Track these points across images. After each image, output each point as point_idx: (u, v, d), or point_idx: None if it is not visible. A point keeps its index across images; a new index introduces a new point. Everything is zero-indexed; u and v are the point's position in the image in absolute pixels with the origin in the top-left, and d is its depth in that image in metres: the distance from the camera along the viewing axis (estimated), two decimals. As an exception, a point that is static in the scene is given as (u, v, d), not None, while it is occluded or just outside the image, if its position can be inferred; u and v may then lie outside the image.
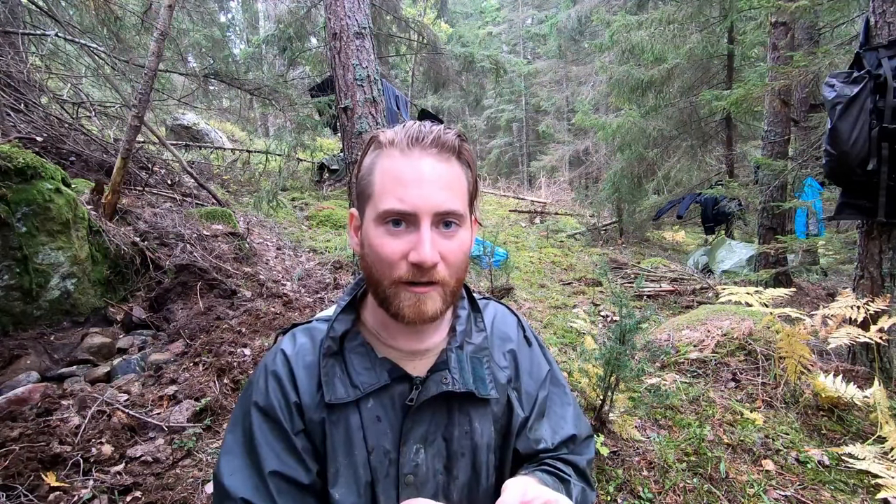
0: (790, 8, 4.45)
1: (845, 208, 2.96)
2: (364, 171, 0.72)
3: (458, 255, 0.70)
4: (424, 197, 0.66)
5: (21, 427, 2.03)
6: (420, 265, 0.66)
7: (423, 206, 0.66)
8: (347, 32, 3.04)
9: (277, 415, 0.72)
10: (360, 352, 0.76)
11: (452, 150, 0.70)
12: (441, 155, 0.69)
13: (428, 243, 0.65)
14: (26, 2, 4.84)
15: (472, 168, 0.74)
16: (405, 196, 0.66)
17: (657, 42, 8.24)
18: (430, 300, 0.68)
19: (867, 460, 2.04)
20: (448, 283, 0.70)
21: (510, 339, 0.88)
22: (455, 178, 0.70)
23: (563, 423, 0.88)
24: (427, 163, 0.68)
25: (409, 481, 0.73)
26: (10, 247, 2.64)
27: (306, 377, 0.75)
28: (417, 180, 0.67)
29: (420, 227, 0.66)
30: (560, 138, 17.01)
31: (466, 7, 24.94)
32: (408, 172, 0.67)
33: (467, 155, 0.73)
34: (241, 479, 0.70)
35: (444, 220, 0.68)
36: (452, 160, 0.70)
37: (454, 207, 0.68)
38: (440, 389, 0.74)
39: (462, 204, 0.70)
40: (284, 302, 3.84)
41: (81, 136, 4.81)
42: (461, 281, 0.73)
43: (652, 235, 11.75)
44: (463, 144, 0.72)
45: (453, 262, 0.69)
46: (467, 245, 0.72)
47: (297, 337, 0.80)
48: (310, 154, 9.05)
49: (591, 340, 2.77)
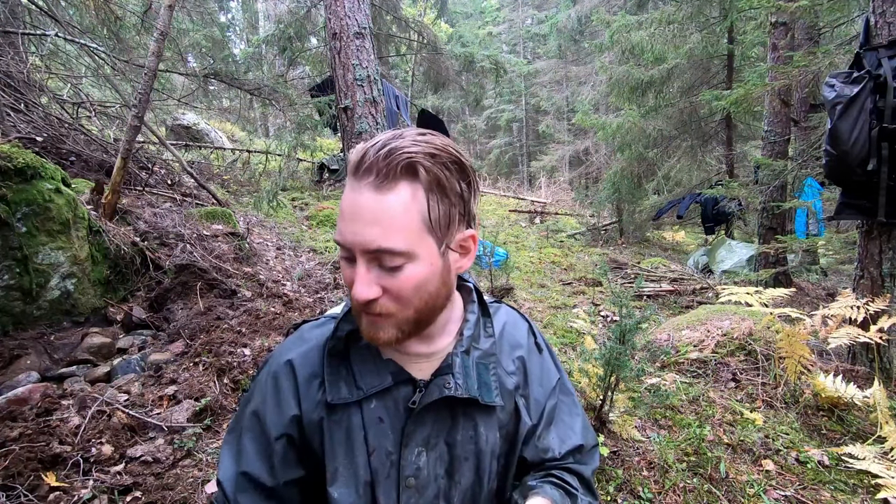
0: (790, 8, 4.45)
1: (845, 208, 2.96)
2: None
3: (405, 290, 0.65)
4: (354, 234, 0.62)
5: (21, 427, 2.03)
6: (357, 302, 0.65)
7: (354, 244, 0.63)
8: (347, 32, 3.04)
9: (265, 418, 0.75)
10: (365, 353, 0.76)
11: (395, 174, 0.61)
12: (379, 183, 0.61)
13: (359, 281, 0.63)
14: (26, 2, 4.84)
15: (440, 190, 0.64)
16: (342, 230, 0.64)
17: (657, 42, 8.25)
18: (382, 329, 0.68)
19: (867, 460, 2.04)
20: (398, 314, 0.67)
21: (520, 345, 0.87)
22: (397, 210, 0.61)
23: (570, 433, 0.87)
24: (363, 196, 0.61)
25: (411, 484, 0.73)
26: (10, 247, 2.64)
27: (308, 379, 0.76)
28: (352, 215, 0.62)
29: (356, 263, 0.64)
30: (560, 138, 17.03)
31: (466, 7, 24.95)
32: (346, 206, 0.63)
33: (429, 177, 0.62)
34: (225, 466, 0.75)
35: (379, 259, 0.63)
36: (397, 185, 0.61)
37: (386, 245, 0.61)
38: (442, 394, 0.74)
39: (403, 238, 0.62)
40: (284, 302, 3.84)
41: (81, 136, 4.81)
42: (422, 310, 0.68)
43: (652, 235, 11.76)
44: (422, 163, 0.61)
45: (401, 297, 0.65)
46: (420, 281, 0.65)
47: (305, 334, 0.81)
48: (310, 154, 9.06)
49: (591, 340, 2.77)
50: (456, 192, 0.66)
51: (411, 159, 0.61)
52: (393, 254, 0.62)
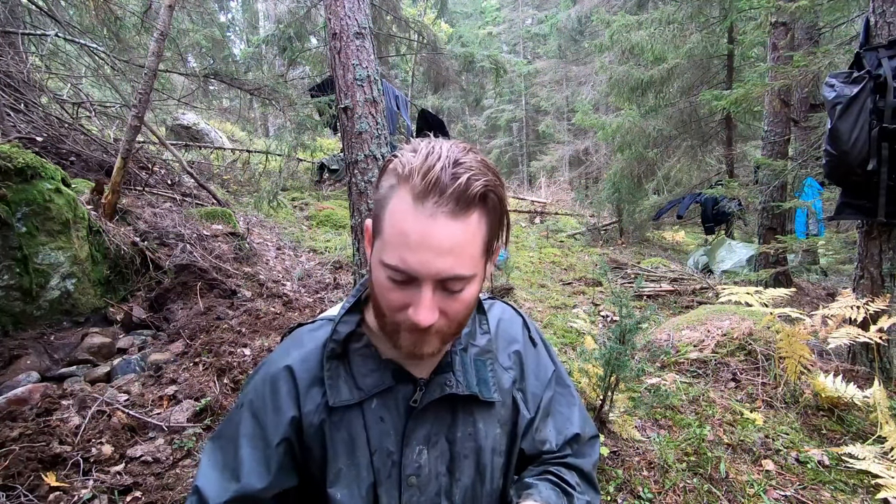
0: (790, 8, 4.45)
1: (845, 208, 2.96)
2: (379, 195, 0.66)
3: (460, 311, 0.66)
4: (428, 263, 0.60)
5: (21, 427, 2.03)
6: (416, 326, 0.64)
7: (424, 273, 0.61)
8: (347, 32, 3.04)
9: (265, 422, 0.74)
10: (365, 354, 0.76)
11: (472, 202, 0.60)
12: (457, 211, 0.60)
13: (425, 308, 0.62)
14: (26, 2, 4.83)
15: (497, 212, 0.65)
16: (408, 258, 0.60)
17: (657, 42, 8.25)
18: (428, 344, 0.67)
19: (867, 460, 2.04)
20: (446, 330, 0.68)
21: (516, 340, 0.88)
22: (469, 237, 0.62)
23: (568, 423, 0.88)
24: (438, 224, 0.59)
25: (412, 482, 0.73)
26: (10, 247, 2.64)
27: (308, 382, 0.75)
28: (422, 244, 0.59)
29: (420, 289, 0.62)
30: (560, 138, 17.03)
31: (466, 7, 24.94)
32: (415, 232, 0.60)
33: (494, 201, 0.63)
34: (210, 477, 0.74)
35: (445, 284, 0.63)
36: (471, 213, 0.61)
37: (460, 272, 0.62)
38: (444, 392, 0.74)
39: (472, 264, 0.63)
40: (284, 302, 3.84)
41: (81, 136, 4.81)
42: (464, 321, 0.70)
43: (652, 235, 11.76)
44: (493, 192, 0.62)
45: (454, 317, 0.66)
46: (473, 298, 0.68)
47: (303, 337, 0.80)
48: (310, 154, 9.06)
49: (591, 340, 2.77)
50: (502, 215, 0.67)
51: (486, 188, 0.61)
52: (462, 279, 0.63)
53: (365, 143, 3.10)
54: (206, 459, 0.75)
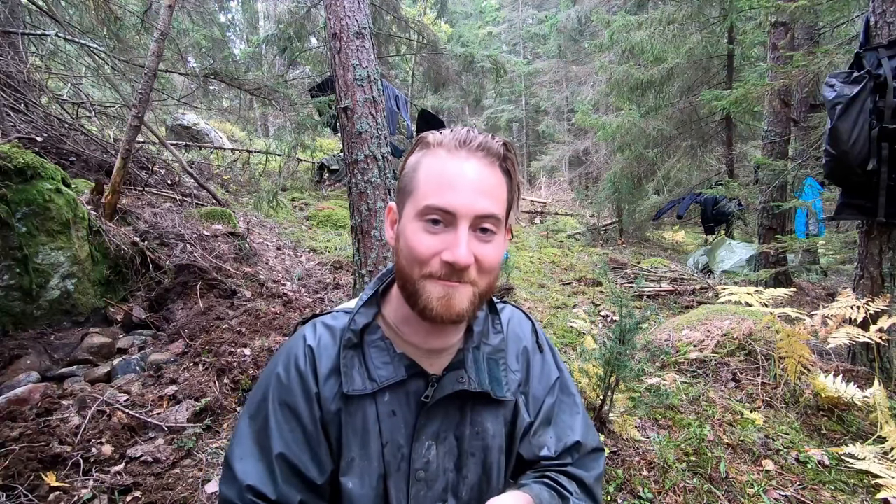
0: (790, 8, 4.45)
1: (845, 208, 2.96)
2: (408, 168, 0.73)
3: (491, 260, 0.70)
4: (465, 198, 0.66)
5: (21, 427, 2.02)
6: (453, 265, 0.66)
7: (462, 208, 0.66)
8: (347, 32, 3.04)
9: (297, 406, 0.74)
10: (380, 346, 0.77)
11: (497, 156, 0.70)
12: (486, 159, 0.69)
13: (464, 244, 0.65)
14: (26, 2, 4.83)
15: (513, 178, 0.74)
16: (447, 195, 0.66)
17: (657, 42, 8.25)
18: (459, 296, 0.68)
19: (867, 460, 2.04)
20: (479, 284, 0.70)
21: (524, 343, 0.89)
22: (497, 183, 0.70)
23: (568, 431, 0.87)
24: (472, 165, 0.68)
25: (420, 477, 0.74)
26: (10, 247, 2.64)
27: (326, 368, 0.76)
28: (461, 181, 0.67)
29: (458, 228, 0.66)
30: (560, 138, 17.01)
31: (466, 7, 24.92)
32: (452, 172, 0.67)
33: (511, 164, 0.72)
34: (251, 464, 0.72)
35: (482, 224, 0.68)
36: (496, 166, 0.71)
37: (493, 211, 0.68)
38: (456, 388, 0.75)
39: (501, 209, 0.70)
40: (284, 302, 3.84)
41: (81, 136, 4.81)
42: (492, 287, 0.73)
43: (652, 235, 11.76)
44: (507, 154, 0.72)
45: (486, 267, 0.69)
46: (501, 251, 0.72)
47: (319, 328, 0.81)
48: (310, 154, 9.06)
49: (591, 340, 2.77)
50: (517, 185, 0.75)
51: (505, 146, 0.71)
52: (495, 220, 0.69)
53: (365, 143, 3.10)
54: (240, 449, 0.75)
